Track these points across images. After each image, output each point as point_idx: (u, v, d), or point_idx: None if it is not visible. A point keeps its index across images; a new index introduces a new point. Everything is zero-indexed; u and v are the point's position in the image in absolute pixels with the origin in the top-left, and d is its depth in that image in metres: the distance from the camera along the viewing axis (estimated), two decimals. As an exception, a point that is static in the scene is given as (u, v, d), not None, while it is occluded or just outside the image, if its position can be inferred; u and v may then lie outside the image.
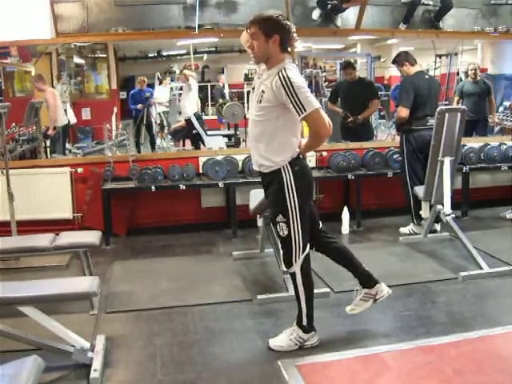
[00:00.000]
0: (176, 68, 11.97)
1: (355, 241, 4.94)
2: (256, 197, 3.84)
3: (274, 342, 2.91)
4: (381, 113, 9.05)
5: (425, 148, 4.58)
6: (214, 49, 11.69)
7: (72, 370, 2.69)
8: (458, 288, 3.68)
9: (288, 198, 2.76)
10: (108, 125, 6.31)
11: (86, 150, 7.42)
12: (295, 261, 2.82)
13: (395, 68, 5.13)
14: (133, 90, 9.26)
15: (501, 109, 7.13)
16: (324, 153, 5.50)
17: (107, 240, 4.85)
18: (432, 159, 4.33)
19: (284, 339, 2.90)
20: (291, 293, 3.12)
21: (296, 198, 2.76)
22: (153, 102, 9.08)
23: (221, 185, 5.08)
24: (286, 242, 2.83)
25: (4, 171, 4.40)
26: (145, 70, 11.03)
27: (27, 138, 6.38)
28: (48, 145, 6.76)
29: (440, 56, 8.56)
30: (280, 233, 2.84)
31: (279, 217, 2.80)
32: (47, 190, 5.03)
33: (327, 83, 9.29)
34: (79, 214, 5.15)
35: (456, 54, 8.21)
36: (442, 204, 4.28)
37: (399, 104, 4.84)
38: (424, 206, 4.54)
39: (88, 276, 3.58)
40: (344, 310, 3.08)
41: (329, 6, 5.57)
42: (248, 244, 4.77)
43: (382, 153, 5.43)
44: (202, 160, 5.27)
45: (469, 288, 3.67)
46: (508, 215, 5.32)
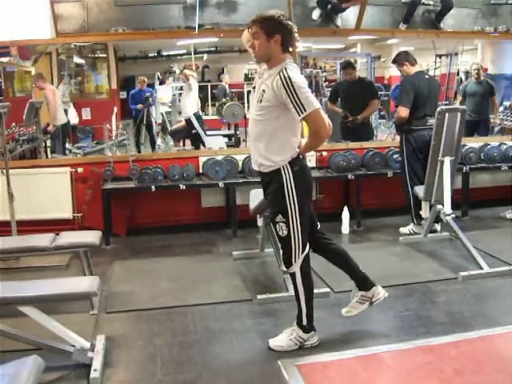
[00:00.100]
0: (176, 68, 11.98)
1: (355, 241, 4.94)
2: (256, 197, 3.84)
3: (274, 342, 2.90)
4: (381, 113, 9.05)
5: (425, 148, 4.59)
6: (214, 49, 11.70)
7: (72, 370, 2.70)
8: (458, 288, 3.68)
9: (287, 198, 2.75)
10: (108, 125, 6.33)
11: (86, 150, 7.42)
12: (295, 261, 2.82)
13: (395, 68, 5.14)
14: (133, 90, 9.26)
15: (501, 109, 7.14)
16: (324, 153, 5.50)
17: (107, 240, 4.85)
18: (432, 159, 4.33)
19: (284, 339, 2.90)
20: (291, 293, 3.12)
21: (295, 198, 2.75)
22: (153, 102, 9.07)
23: (221, 185, 5.08)
24: (286, 242, 2.83)
25: (4, 171, 4.41)
26: (145, 70, 11.03)
27: (27, 138, 6.38)
28: (48, 144, 6.77)
29: (440, 56, 8.55)
30: (279, 233, 2.83)
31: (278, 217, 2.80)
32: (47, 190, 5.03)
33: (327, 83, 9.29)
34: (79, 214, 5.15)
35: (456, 54, 8.20)
36: (442, 204, 4.28)
37: (399, 104, 4.84)
38: (424, 206, 4.54)
39: (88, 276, 3.58)
40: (344, 310, 3.09)
41: (329, 6, 5.57)
42: (248, 244, 4.77)
43: (382, 153, 5.43)
44: (202, 160, 5.27)
45: (469, 288, 3.67)
46: (508, 215, 5.32)
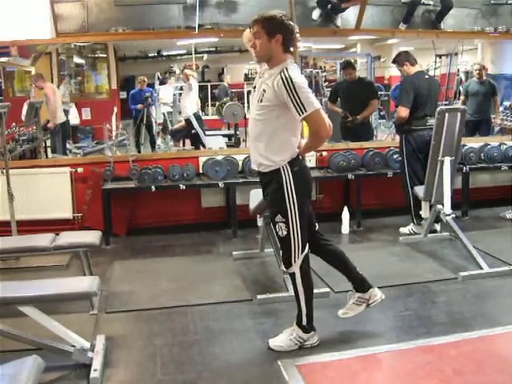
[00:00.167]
0: (176, 68, 11.99)
1: (355, 241, 4.94)
2: (256, 197, 3.84)
3: (274, 342, 2.90)
4: (381, 113, 9.05)
5: (425, 148, 4.59)
6: (214, 49, 11.72)
7: (72, 370, 2.70)
8: (458, 288, 3.68)
9: (287, 198, 2.75)
10: (108, 125, 6.32)
11: (86, 150, 7.44)
12: (294, 261, 2.82)
13: (395, 68, 5.14)
14: (133, 90, 9.27)
15: (501, 108, 7.13)
16: (324, 153, 5.49)
17: (107, 240, 4.85)
18: (432, 159, 4.33)
19: (284, 339, 2.89)
20: (291, 293, 3.11)
21: (295, 199, 2.75)
22: (153, 102, 9.08)
23: (221, 185, 5.07)
24: (285, 242, 2.83)
25: (4, 171, 4.41)
26: (145, 70, 11.05)
27: (27, 138, 6.38)
28: (48, 144, 6.78)
29: (440, 56, 8.55)
30: (279, 233, 2.83)
31: (278, 217, 2.80)
32: (47, 190, 5.02)
33: (327, 83, 9.31)
34: (79, 214, 5.15)
35: (456, 54, 8.20)
36: (442, 204, 4.28)
37: (399, 104, 4.83)
38: (424, 206, 4.54)
39: (88, 276, 3.58)
40: (344, 311, 3.09)
41: (329, 6, 5.57)
42: (248, 244, 4.77)
43: (382, 153, 5.43)
44: (202, 160, 5.27)
45: (469, 288, 3.67)
46: (508, 215, 5.31)
